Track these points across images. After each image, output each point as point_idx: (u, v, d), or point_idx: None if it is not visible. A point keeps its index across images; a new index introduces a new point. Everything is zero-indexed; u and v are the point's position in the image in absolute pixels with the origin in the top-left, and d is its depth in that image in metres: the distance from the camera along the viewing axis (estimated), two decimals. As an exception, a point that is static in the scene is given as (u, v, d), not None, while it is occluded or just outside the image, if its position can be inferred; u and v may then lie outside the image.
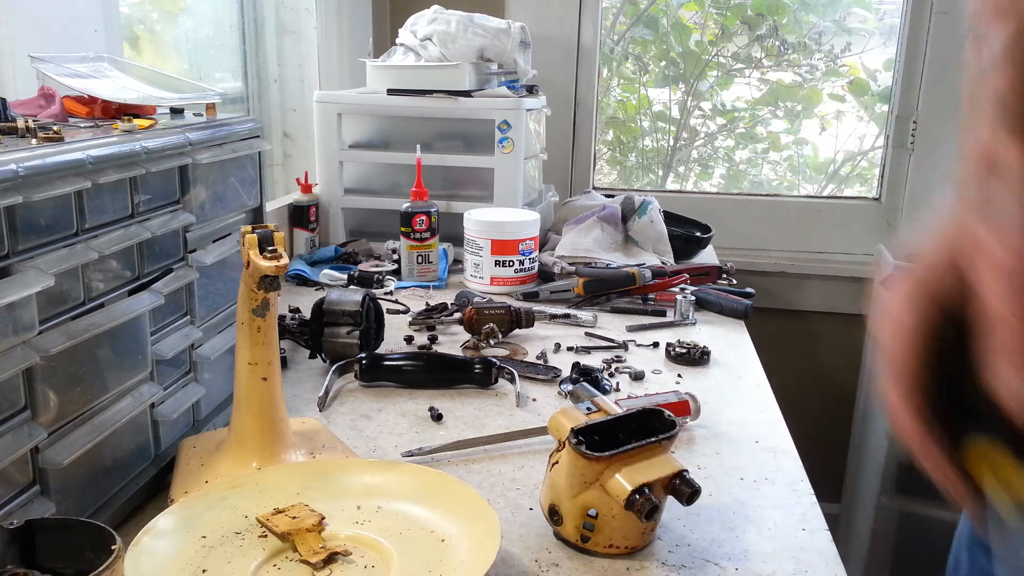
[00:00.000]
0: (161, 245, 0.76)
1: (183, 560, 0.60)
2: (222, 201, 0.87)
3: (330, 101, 1.56)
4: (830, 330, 2.06)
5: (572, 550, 0.69)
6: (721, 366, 1.12)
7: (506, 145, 1.50)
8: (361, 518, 0.67)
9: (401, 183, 1.55)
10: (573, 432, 0.66)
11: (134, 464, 0.75)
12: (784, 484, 0.81)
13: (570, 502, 0.67)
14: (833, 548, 0.71)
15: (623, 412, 0.72)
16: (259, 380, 0.72)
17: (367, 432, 0.91)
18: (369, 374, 1.01)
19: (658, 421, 0.71)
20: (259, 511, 0.66)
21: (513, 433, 0.88)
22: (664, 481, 0.66)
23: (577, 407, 0.72)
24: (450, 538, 0.64)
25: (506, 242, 1.38)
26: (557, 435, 0.69)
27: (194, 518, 0.64)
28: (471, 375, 1.02)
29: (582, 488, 0.66)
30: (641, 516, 0.64)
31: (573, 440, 0.66)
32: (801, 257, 2.03)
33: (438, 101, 1.51)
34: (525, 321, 1.19)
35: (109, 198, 0.69)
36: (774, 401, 1.01)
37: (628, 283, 1.34)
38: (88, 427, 0.67)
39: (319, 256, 1.52)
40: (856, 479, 1.95)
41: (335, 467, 0.72)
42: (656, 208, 1.57)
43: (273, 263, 0.64)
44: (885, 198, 2.03)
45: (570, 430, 0.67)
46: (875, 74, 2.15)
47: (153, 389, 0.75)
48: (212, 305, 0.86)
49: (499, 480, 0.81)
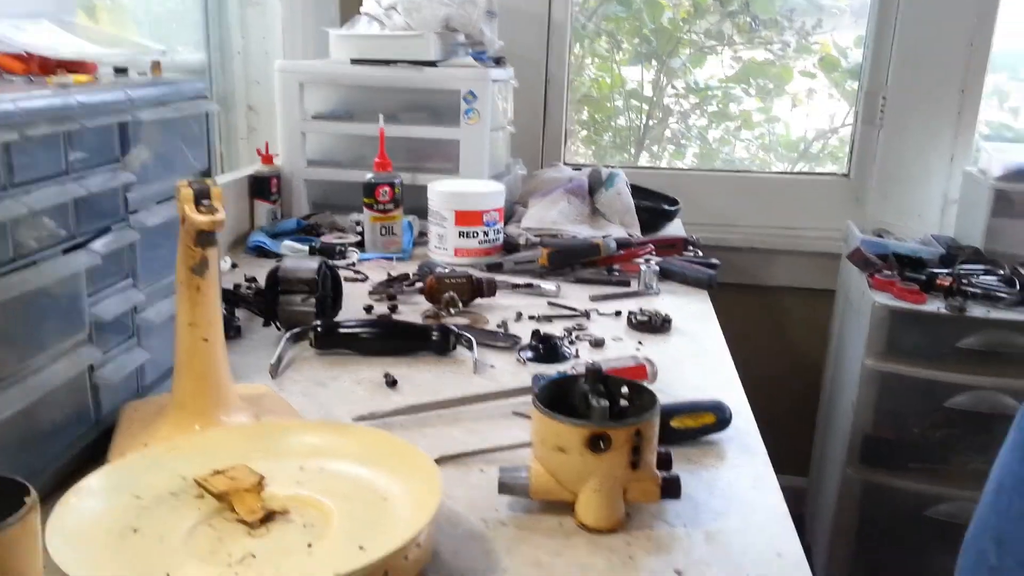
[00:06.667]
0: (99, 204, 0.74)
1: (112, 519, 0.58)
2: (167, 164, 0.84)
3: (292, 71, 1.53)
4: (797, 305, 2.07)
5: (520, 512, 0.68)
6: (683, 334, 1.12)
7: (472, 116, 1.48)
8: (303, 479, 0.65)
9: (365, 155, 1.52)
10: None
11: (72, 429, 0.73)
12: (737, 445, 0.81)
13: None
14: (783, 506, 0.71)
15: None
16: (199, 341, 0.71)
17: (320, 399, 0.89)
18: (324, 341, 1.00)
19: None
20: (197, 473, 0.64)
21: (469, 397, 0.87)
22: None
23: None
24: (393, 497, 0.62)
25: (470, 213, 1.36)
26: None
27: (128, 478, 0.62)
28: (428, 342, 1.00)
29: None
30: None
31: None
32: (770, 233, 2.03)
33: (403, 71, 1.49)
34: (487, 290, 1.17)
35: (42, 153, 0.67)
36: (732, 367, 1.01)
37: (593, 254, 1.33)
38: (20, 388, 0.65)
39: (281, 228, 1.49)
40: (823, 452, 1.96)
41: (278, 429, 0.71)
42: (623, 180, 1.56)
43: (208, 217, 0.62)
44: (854, 174, 2.03)
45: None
46: (846, 51, 2.15)
47: (92, 352, 0.73)
48: (158, 269, 0.84)
49: (451, 444, 0.79)
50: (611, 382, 0.71)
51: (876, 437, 1.66)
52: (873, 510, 1.69)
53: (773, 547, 0.65)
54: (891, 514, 1.67)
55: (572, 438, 0.65)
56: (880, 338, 1.58)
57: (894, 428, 1.66)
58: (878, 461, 1.66)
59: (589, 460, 0.65)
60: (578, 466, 0.66)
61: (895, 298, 1.56)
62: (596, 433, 0.65)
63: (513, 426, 0.84)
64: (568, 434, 0.65)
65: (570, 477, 0.66)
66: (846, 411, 1.72)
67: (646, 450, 0.66)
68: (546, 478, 0.67)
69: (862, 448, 1.67)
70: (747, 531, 0.67)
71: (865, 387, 1.63)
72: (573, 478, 0.66)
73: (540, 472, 0.68)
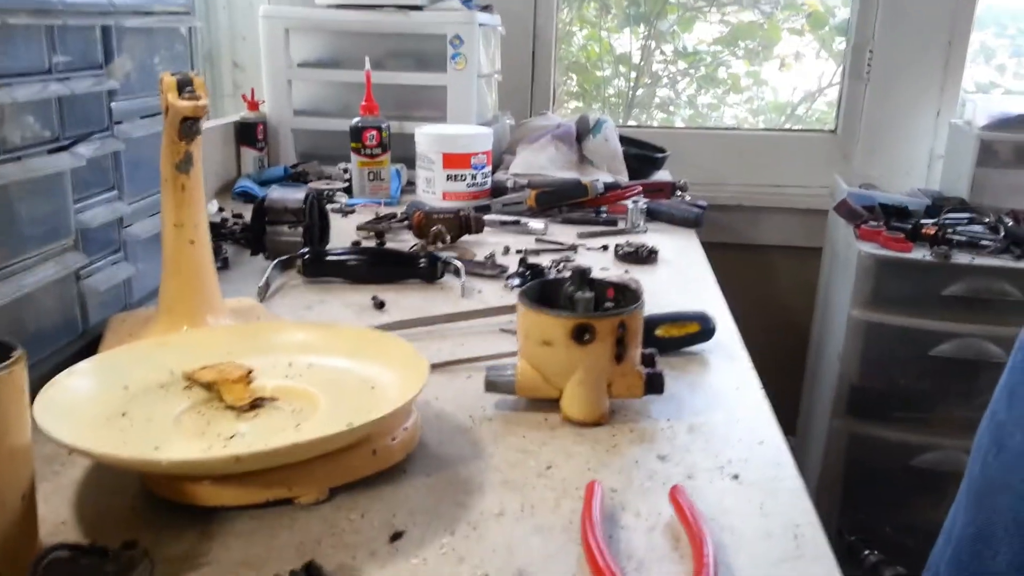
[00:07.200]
0: (83, 109, 0.74)
1: (101, 403, 0.58)
2: (151, 77, 0.83)
3: (277, 16, 1.52)
4: (785, 263, 2.08)
5: (506, 410, 0.69)
6: (669, 264, 1.12)
7: (459, 61, 1.48)
8: (291, 372, 0.66)
9: (352, 104, 1.51)
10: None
11: (59, 336, 0.73)
12: (722, 354, 0.82)
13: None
14: (766, 403, 0.72)
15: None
16: (186, 243, 0.71)
17: (307, 319, 0.89)
18: (312, 268, 1.00)
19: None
20: (186, 368, 0.65)
21: (457, 314, 0.88)
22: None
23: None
24: (380, 385, 0.63)
25: (458, 155, 1.36)
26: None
27: (117, 368, 0.62)
28: (416, 269, 1.01)
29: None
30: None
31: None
32: (758, 191, 2.04)
33: (389, 15, 1.48)
34: (475, 227, 1.18)
35: (23, 48, 0.66)
36: (719, 293, 1.02)
37: (580, 194, 1.33)
38: (6, 284, 0.65)
39: (268, 176, 1.49)
40: (809, 405, 1.98)
41: (267, 328, 0.71)
42: (611, 127, 1.56)
43: (192, 103, 0.62)
44: (841, 130, 2.04)
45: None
46: (833, 9, 2.16)
47: (78, 258, 0.73)
48: (144, 186, 0.84)
49: (439, 356, 0.80)
50: (596, 284, 0.72)
51: (862, 387, 1.68)
52: (860, 461, 1.71)
53: (755, 436, 0.66)
54: (877, 464, 1.69)
55: (557, 330, 0.66)
56: (866, 288, 1.59)
57: (880, 378, 1.67)
58: (864, 412, 1.68)
59: (574, 352, 0.66)
60: (563, 359, 0.66)
61: (881, 247, 1.57)
62: (581, 324, 0.65)
63: (500, 341, 0.85)
64: (553, 326, 0.66)
65: (555, 371, 0.67)
66: (832, 362, 1.74)
67: (631, 344, 0.67)
68: (532, 374, 0.68)
69: (848, 399, 1.69)
70: (729, 423, 0.68)
71: (851, 338, 1.65)
72: (558, 371, 0.67)
73: (526, 368, 0.68)
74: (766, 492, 0.58)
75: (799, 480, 0.60)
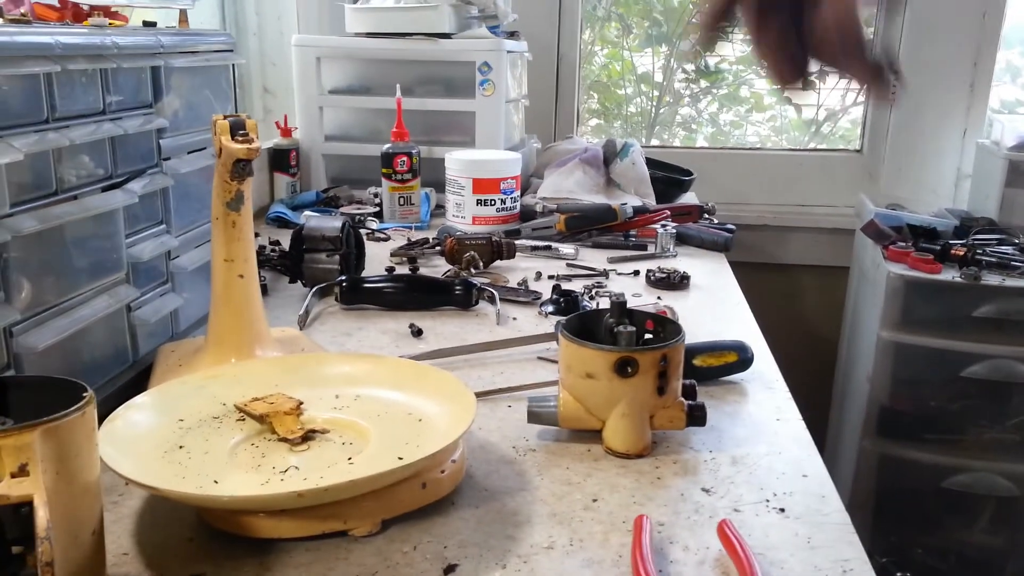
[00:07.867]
0: (135, 147, 0.76)
1: (159, 437, 0.60)
2: (196, 113, 0.86)
3: (309, 44, 1.55)
4: (812, 283, 2.08)
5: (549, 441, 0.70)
6: (702, 290, 1.13)
7: (487, 87, 1.50)
8: (340, 404, 0.67)
9: (382, 129, 1.54)
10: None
11: (111, 367, 0.75)
12: (759, 383, 0.82)
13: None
14: (807, 434, 0.72)
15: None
16: (235, 277, 0.72)
17: (347, 347, 0.91)
18: (349, 296, 1.01)
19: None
20: (237, 399, 0.66)
21: (495, 342, 0.89)
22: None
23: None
24: (428, 418, 0.64)
25: (488, 180, 1.38)
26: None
27: (171, 403, 0.64)
28: (452, 296, 1.02)
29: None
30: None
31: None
32: (783, 210, 2.04)
33: (418, 43, 1.51)
34: (507, 252, 1.19)
35: (81, 91, 0.69)
36: (752, 318, 1.02)
37: (609, 219, 1.34)
38: (64, 319, 0.67)
39: (300, 201, 1.51)
40: (839, 426, 1.97)
41: (314, 360, 0.73)
42: (638, 151, 1.57)
43: (245, 146, 0.64)
44: (866, 149, 2.04)
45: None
46: (857, 29, 2.15)
47: (129, 291, 0.75)
48: (190, 219, 0.86)
49: (479, 384, 0.81)
50: (636, 316, 0.72)
51: (892, 409, 1.67)
52: (890, 482, 1.69)
53: (798, 469, 0.66)
54: (908, 486, 1.67)
55: (600, 363, 0.66)
56: (895, 309, 1.59)
57: (910, 399, 1.66)
58: (895, 433, 1.67)
59: (616, 385, 0.66)
60: (606, 392, 0.67)
61: (910, 268, 1.56)
62: (624, 357, 0.66)
63: (538, 369, 0.86)
64: (596, 359, 0.67)
65: (598, 403, 0.68)
66: (862, 384, 1.73)
67: (672, 376, 0.68)
68: (574, 406, 0.69)
69: (878, 420, 1.68)
70: (771, 455, 0.68)
71: (881, 359, 1.64)
72: (601, 404, 0.68)
73: (568, 400, 0.69)
74: (813, 526, 0.58)
75: (845, 514, 0.60)
